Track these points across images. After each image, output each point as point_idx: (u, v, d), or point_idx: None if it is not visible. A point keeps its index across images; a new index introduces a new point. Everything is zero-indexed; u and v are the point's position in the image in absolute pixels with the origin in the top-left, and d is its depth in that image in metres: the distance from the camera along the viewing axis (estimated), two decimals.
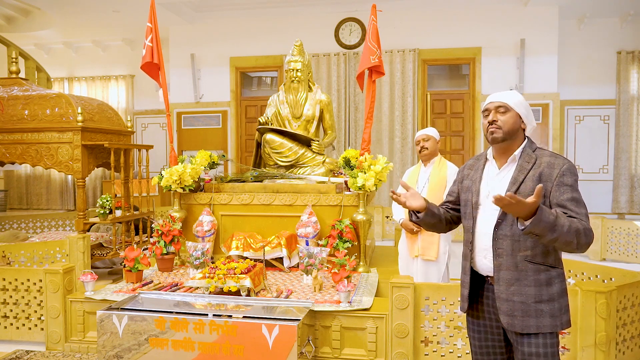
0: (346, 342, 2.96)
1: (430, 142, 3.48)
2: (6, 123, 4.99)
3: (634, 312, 3.02)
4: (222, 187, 4.32)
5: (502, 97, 1.85)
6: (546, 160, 1.77)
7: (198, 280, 3.14)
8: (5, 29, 8.05)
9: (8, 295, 3.56)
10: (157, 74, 4.34)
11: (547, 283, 1.75)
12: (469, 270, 1.89)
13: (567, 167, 1.74)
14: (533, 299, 1.74)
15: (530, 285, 1.74)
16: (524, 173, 1.77)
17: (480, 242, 1.85)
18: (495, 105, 1.85)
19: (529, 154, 1.81)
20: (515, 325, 1.75)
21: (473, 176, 1.93)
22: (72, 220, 6.88)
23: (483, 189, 1.88)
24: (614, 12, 7.68)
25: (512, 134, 1.82)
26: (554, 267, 1.78)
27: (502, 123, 1.82)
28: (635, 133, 7.89)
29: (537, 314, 1.73)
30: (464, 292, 1.92)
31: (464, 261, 1.93)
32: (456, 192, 2.04)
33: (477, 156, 2.02)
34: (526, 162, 1.79)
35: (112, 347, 2.70)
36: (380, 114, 7.80)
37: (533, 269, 1.75)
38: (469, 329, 1.98)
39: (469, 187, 1.93)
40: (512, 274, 1.75)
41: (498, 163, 1.88)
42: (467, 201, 1.92)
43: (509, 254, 1.76)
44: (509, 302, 1.76)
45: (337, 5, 7.64)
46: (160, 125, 9.39)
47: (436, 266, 3.39)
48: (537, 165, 1.77)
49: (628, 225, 5.91)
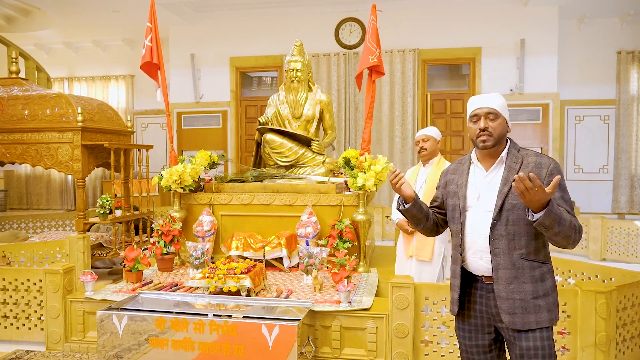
0: (346, 342, 2.96)
1: (430, 143, 3.47)
2: (6, 123, 4.99)
3: (634, 312, 3.02)
4: (222, 187, 4.32)
5: (491, 103, 1.86)
6: (532, 160, 1.82)
7: (198, 280, 3.14)
8: (5, 29, 8.05)
9: (8, 295, 3.56)
10: (157, 74, 4.34)
11: (541, 279, 1.80)
12: (459, 273, 1.91)
13: (553, 165, 1.79)
14: (531, 295, 1.78)
15: (527, 282, 1.78)
16: (513, 173, 1.80)
17: (474, 244, 1.87)
18: (485, 112, 1.85)
19: (515, 155, 1.86)
20: (516, 323, 1.78)
21: (458, 181, 1.95)
22: (72, 220, 6.88)
23: (471, 192, 1.89)
24: (614, 12, 7.68)
25: (501, 139, 1.87)
26: (545, 262, 1.83)
27: (492, 130, 1.84)
28: (635, 133, 7.89)
29: (536, 309, 1.78)
30: (454, 295, 1.94)
31: (454, 265, 1.95)
32: (440, 197, 2.06)
33: (459, 160, 2.04)
34: (514, 162, 1.84)
35: (112, 347, 2.70)
36: (380, 114, 7.80)
37: (528, 266, 1.79)
38: (458, 330, 1.99)
39: (455, 192, 1.94)
40: (510, 272, 1.79)
41: (484, 165, 1.90)
42: (454, 206, 1.94)
43: (505, 253, 1.79)
44: (510, 300, 1.78)
45: (337, 5, 7.64)
46: (160, 125, 9.40)
47: (430, 267, 3.38)
48: (524, 166, 1.81)
49: (628, 225, 5.91)
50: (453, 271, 1.95)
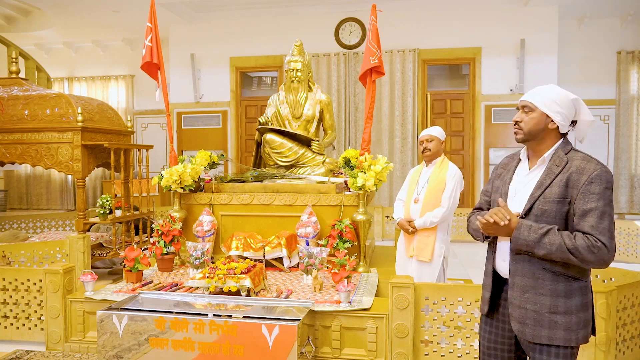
0: (346, 342, 2.96)
1: (434, 143, 3.43)
2: (6, 123, 4.99)
3: (634, 312, 3.02)
4: (222, 187, 4.32)
5: (529, 96, 1.77)
6: (577, 164, 1.67)
7: (198, 280, 3.14)
8: (5, 29, 8.05)
9: (8, 295, 3.56)
10: (157, 74, 4.34)
11: (565, 294, 1.67)
12: (491, 272, 1.85)
13: (597, 173, 1.62)
14: (547, 309, 1.66)
15: (545, 295, 1.67)
16: (551, 177, 1.69)
17: (502, 244, 1.81)
18: (522, 105, 1.78)
19: (560, 157, 1.71)
20: (526, 334, 1.70)
21: (505, 176, 1.87)
22: (72, 220, 6.88)
23: (511, 189, 1.82)
24: (614, 12, 7.68)
25: (535, 135, 1.75)
26: (577, 278, 1.68)
27: (524, 124, 1.75)
28: (635, 133, 7.89)
29: (551, 325, 1.66)
30: (486, 294, 1.87)
31: (487, 263, 1.90)
32: (489, 191, 1.98)
33: (512, 155, 1.95)
34: (556, 165, 1.70)
35: (112, 347, 2.70)
36: (380, 114, 7.80)
37: (551, 278, 1.67)
38: (481, 328, 1.94)
39: (499, 187, 1.88)
40: (528, 280, 1.70)
41: (530, 163, 1.81)
42: (494, 201, 1.87)
43: (526, 260, 1.71)
44: (522, 309, 1.71)
45: (337, 5, 7.63)
46: (160, 125, 9.40)
47: (430, 267, 3.37)
48: (566, 169, 1.68)
49: (628, 225, 5.91)
50: (486, 269, 1.89)
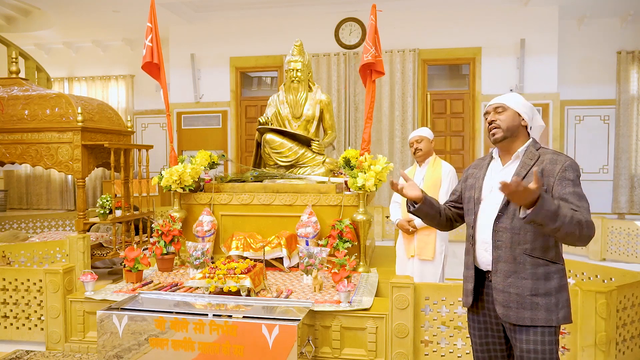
0: (346, 342, 2.96)
1: (424, 143, 3.52)
2: (6, 123, 4.99)
3: (634, 312, 3.02)
4: (222, 187, 4.32)
5: (499, 99, 1.94)
6: (549, 157, 1.81)
7: (198, 280, 3.14)
8: (5, 29, 8.05)
9: (8, 295, 3.56)
10: (158, 74, 4.34)
11: (545, 277, 1.78)
12: (472, 264, 1.94)
13: (569, 163, 1.77)
14: (529, 292, 1.77)
15: (527, 278, 1.77)
16: (526, 168, 1.81)
17: (481, 235, 1.90)
18: (493, 107, 1.93)
19: (532, 152, 1.85)
20: (509, 317, 1.79)
21: (477, 174, 2.00)
22: (72, 220, 6.88)
23: (486, 184, 1.93)
24: (614, 12, 7.68)
25: (512, 130, 1.88)
26: (554, 262, 1.80)
27: (500, 122, 1.88)
28: (635, 133, 7.88)
29: (532, 306, 1.76)
30: (469, 286, 1.95)
31: (467, 256, 1.97)
32: (459, 190, 2.10)
33: (482, 157, 2.09)
34: (529, 159, 1.84)
35: (112, 347, 2.70)
36: (380, 114, 7.80)
37: (531, 262, 1.78)
38: (470, 326, 2.01)
39: (472, 184, 1.99)
40: (510, 266, 1.79)
41: (502, 161, 1.94)
42: (469, 198, 1.98)
43: (507, 246, 1.80)
44: (505, 293, 1.80)
45: (337, 5, 7.63)
46: (160, 125, 9.39)
47: (432, 266, 3.39)
48: (539, 162, 1.81)
49: (628, 225, 5.91)
50: (466, 262, 1.97)
